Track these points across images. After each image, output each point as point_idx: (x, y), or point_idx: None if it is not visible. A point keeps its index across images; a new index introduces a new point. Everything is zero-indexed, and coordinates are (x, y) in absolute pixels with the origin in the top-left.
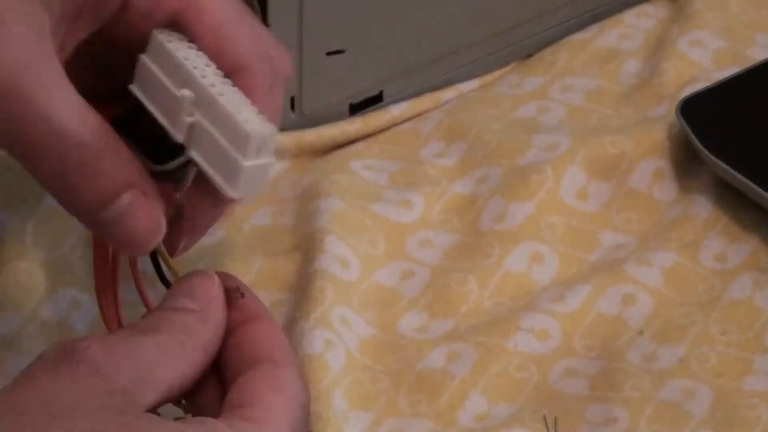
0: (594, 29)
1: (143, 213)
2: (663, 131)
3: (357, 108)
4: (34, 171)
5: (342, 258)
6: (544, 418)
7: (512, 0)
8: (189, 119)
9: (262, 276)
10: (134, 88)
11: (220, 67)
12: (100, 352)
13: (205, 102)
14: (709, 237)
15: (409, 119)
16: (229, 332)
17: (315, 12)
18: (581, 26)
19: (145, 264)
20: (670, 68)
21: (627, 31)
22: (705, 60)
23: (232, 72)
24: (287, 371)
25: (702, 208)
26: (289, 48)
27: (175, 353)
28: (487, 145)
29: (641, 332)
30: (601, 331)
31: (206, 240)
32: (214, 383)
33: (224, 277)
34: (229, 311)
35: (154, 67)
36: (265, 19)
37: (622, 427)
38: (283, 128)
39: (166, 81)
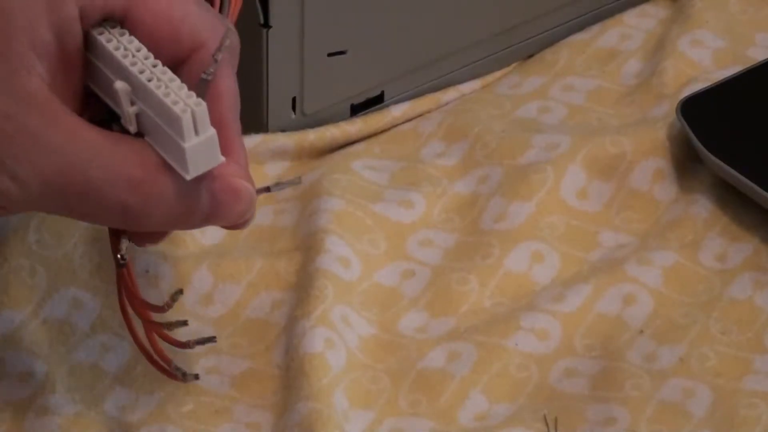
0: (594, 29)
1: (225, 186)
2: (663, 131)
3: (358, 108)
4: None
5: (343, 257)
6: (544, 418)
7: (513, 1)
8: (132, 109)
9: (262, 276)
10: (91, 84)
11: (179, 49)
12: None
13: (140, 90)
14: (709, 237)
15: (410, 120)
16: None
17: (316, 13)
18: (582, 26)
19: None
20: (670, 68)
21: (627, 31)
22: (705, 60)
23: (192, 50)
24: None
25: (702, 208)
26: (290, 49)
27: None
28: (488, 145)
29: (641, 332)
30: (602, 330)
31: (207, 240)
32: None
33: None
34: None
35: (98, 63)
36: (266, 20)
37: (622, 427)
38: (285, 128)
39: (108, 75)
